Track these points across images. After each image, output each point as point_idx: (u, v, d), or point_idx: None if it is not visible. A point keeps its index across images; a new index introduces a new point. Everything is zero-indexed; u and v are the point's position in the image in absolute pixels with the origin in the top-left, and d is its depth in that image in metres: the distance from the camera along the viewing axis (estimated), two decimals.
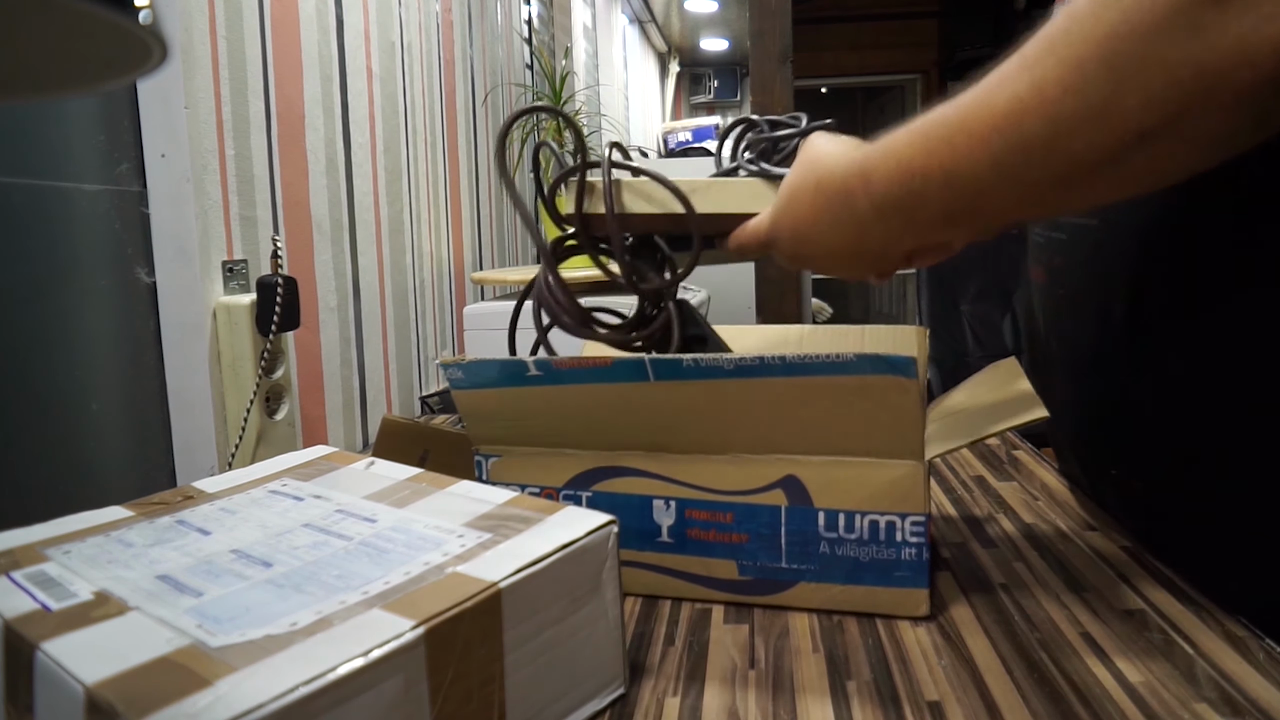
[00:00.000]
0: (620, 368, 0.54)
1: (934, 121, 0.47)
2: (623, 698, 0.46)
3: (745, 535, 0.55)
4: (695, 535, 0.56)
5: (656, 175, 0.62)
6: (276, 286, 0.84)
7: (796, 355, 0.51)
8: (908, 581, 0.53)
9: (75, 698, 0.32)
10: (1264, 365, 0.49)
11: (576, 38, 2.93)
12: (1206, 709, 0.42)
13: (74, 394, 0.73)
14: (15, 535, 0.46)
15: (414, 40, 1.37)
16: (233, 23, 0.87)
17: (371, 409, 1.17)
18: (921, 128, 0.48)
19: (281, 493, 0.52)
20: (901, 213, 0.50)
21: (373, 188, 1.19)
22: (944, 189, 0.47)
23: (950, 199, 0.47)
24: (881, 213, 0.51)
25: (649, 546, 0.57)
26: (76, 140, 0.74)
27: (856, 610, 0.54)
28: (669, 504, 0.56)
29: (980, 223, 0.49)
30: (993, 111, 0.44)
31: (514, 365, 0.57)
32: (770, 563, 0.55)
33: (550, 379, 0.56)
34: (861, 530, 0.53)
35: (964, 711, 0.43)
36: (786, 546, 0.55)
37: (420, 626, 0.35)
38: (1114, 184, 0.43)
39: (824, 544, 0.54)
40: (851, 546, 0.54)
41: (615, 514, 0.56)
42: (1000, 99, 0.43)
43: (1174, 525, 0.58)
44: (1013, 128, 0.43)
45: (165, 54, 0.27)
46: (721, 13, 4.77)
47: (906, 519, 0.53)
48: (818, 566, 0.54)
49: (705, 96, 6.30)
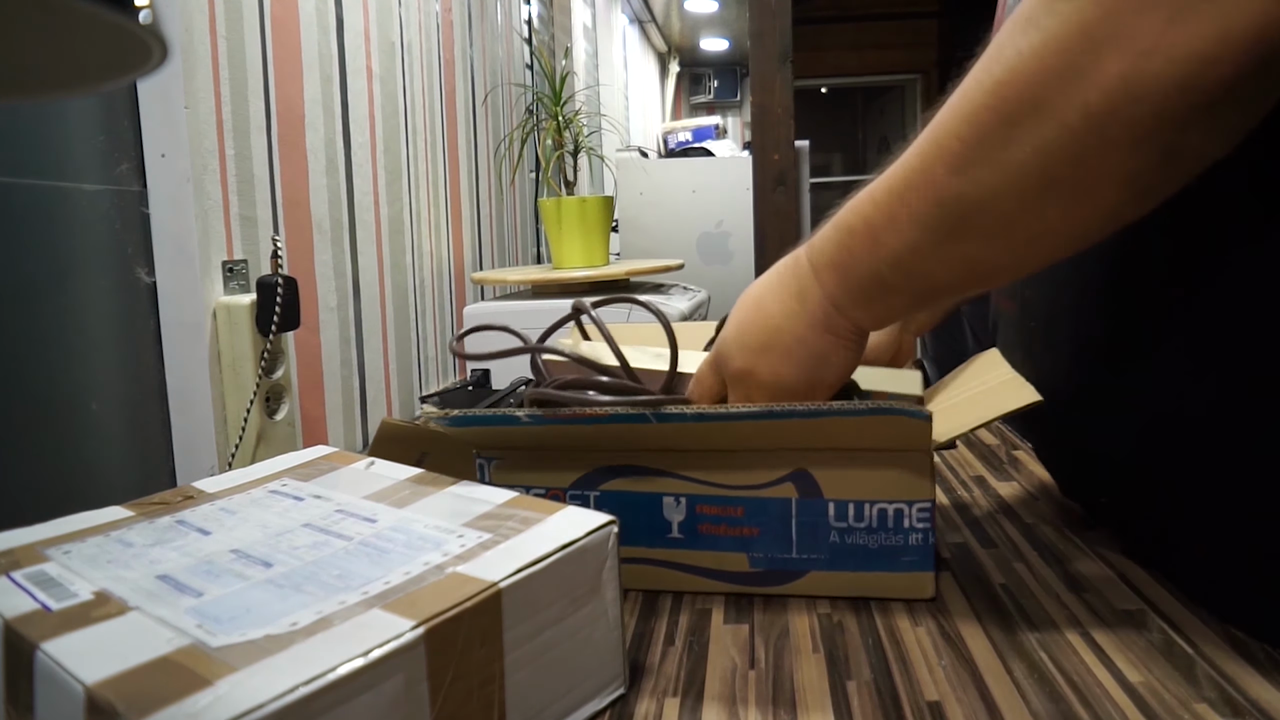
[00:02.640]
0: (619, 417, 0.55)
1: (869, 183, 0.48)
2: (623, 698, 0.46)
3: (756, 528, 0.56)
4: (706, 530, 0.57)
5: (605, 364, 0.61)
6: (276, 286, 0.84)
7: (808, 405, 0.53)
8: (914, 566, 0.54)
9: (75, 698, 0.32)
10: (1254, 393, 0.47)
11: (576, 38, 2.93)
12: (1206, 709, 0.42)
13: (74, 394, 0.73)
14: (15, 535, 0.46)
15: (414, 40, 1.37)
16: (233, 23, 0.87)
17: (371, 409, 1.17)
18: (858, 192, 0.49)
19: (281, 493, 0.52)
20: (834, 271, 0.50)
21: (373, 188, 1.19)
22: (870, 243, 0.48)
23: (878, 256, 0.47)
24: (819, 274, 0.51)
25: (659, 543, 0.57)
26: (76, 140, 0.74)
27: (865, 595, 0.55)
28: (679, 500, 0.57)
29: (914, 289, 0.48)
30: (906, 166, 0.45)
31: (504, 419, 0.57)
32: (781, 554, 0.56)
33: (540, 423, 0.57)
34: (871, 519, 0.54)
35: (964, 711, 0.43)
36: (797, 537, 0.55)
37: (420, 626, 0.35)
38: (1042, 238, 0.43)
39: (834, 533, 0.55)
40: (861, 535, 0.55)
41: (625, 512, 0.56)
42: (912, 157, 0.45)
43: (1168, 553, 0.56)
44: (924, 181, 0.44)
45: (165, 54, 0.27)
46: (721, 13, 4.77)
47: (913, 506, 0.54)
48: (828, 555, 0.55)
49: (705, 96, 6.30)
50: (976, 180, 0.42)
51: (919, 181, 0.44)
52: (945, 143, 0.43)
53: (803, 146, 2.50)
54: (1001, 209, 0.42)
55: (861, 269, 0.49)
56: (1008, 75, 0.40)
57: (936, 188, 0.43)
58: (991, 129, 0.41)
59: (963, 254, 0.45)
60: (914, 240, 0.45)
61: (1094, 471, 0.62)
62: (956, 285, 0.48)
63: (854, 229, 0.49)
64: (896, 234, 0.46)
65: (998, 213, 0.42)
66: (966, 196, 0.42)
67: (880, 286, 0.49)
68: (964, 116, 0.42)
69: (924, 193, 0.44)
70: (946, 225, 0.44)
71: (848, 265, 0.50)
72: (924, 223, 0.45)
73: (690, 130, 2.98)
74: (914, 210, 0.45)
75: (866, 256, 0.48)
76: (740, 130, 6.04)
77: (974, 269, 0.46)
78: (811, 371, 0.54)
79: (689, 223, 2.52)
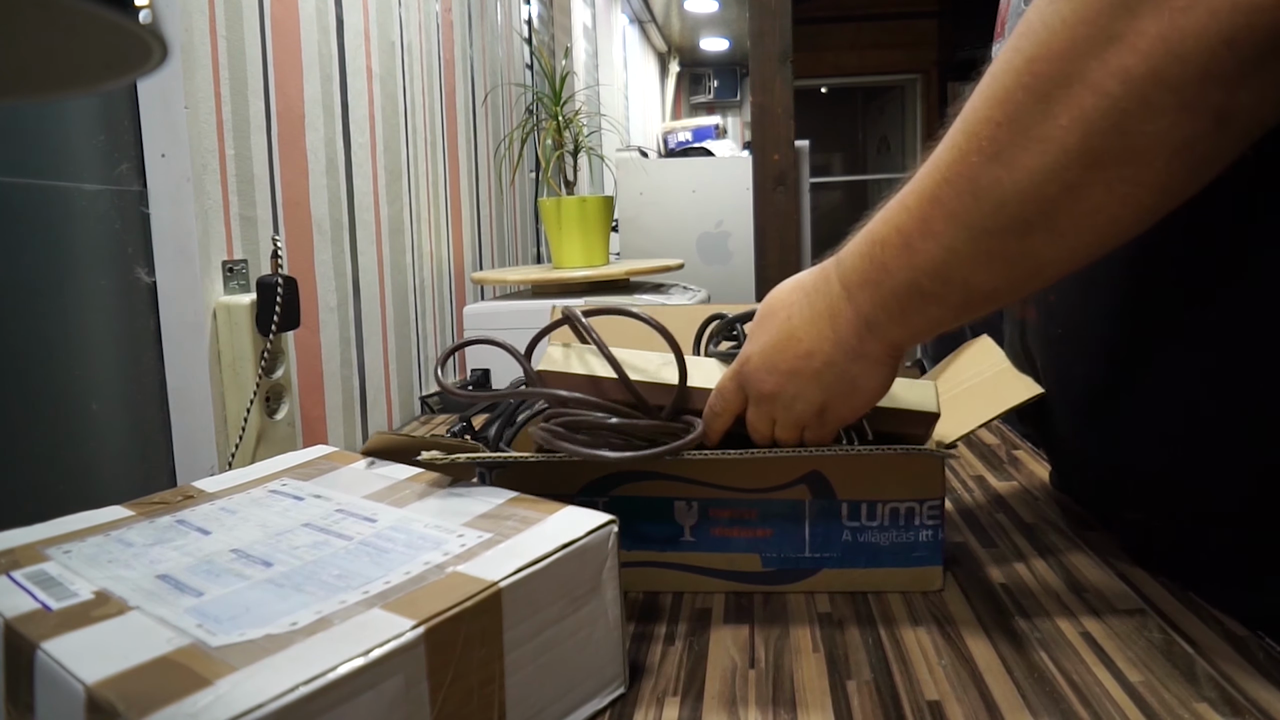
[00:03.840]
0: (637, 459, 0.54)
1: (898, 192, 0.46)
2: (623, 698, 0.46)
3: (769, 530, 0.56)
4: (719, 533, 0.57)
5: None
6: (276, 286, 0.84)
7: (831, 450, 0.53)
8: (924, 560, 0.55)
9: (75, 697, 0.32)
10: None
11: (576, 38, 2.93)
12: (1206, 709, 0.42)
13: (74, 394, 0.73)
14: (15, 535, 0.46)
15: (414, 40, 1.37)
16: (233, 23, 0.87)
17: (371, 409, 1.17)
18: (888, 201, 0.46)
19: (281, 492, 0.52)
20: (867, 287, 0.47)
21: (373, 188, 1.19)
22: (904, 252, 0.45)
23: (914, 265, 0.45)
24: (850, 292, 0.49)
25: (671, 547, 0.57)
26: (76, 140, 0.74)
27: (874, 590, 0.56)
28: (691, 504, 0.57)
29: (953, 298, 0.45)
30: (937, 165, 0.43)
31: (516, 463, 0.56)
32: (794, 553, 0.56)
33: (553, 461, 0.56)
34: (883, 517, 0.55)
35: (964, 711, 0.43)
36: (810, 538, 0.56)
37: (420, 626, 0.35)
38: (1090, 223, 0.39)
39: (846, 532, 0.56)
40: (873, 533, 0.55)
41: (636, 517, 0.56)
42: (943, 153, 0.43)
43: (1196, 569, 0.55)
44: (958, 175, 0.41)
45: (165, 54, 0.27)
46: (721, 13, 4.77)
47: (924, 504, 0.55)
48: (840, 554, 0.56)
49: (705, 96, 6.30)
50: (1015, 164, 0.39)
51: (953, 176, 0.42)
52: (978, 129, 0.40)
53: (803, 146, 2.50)
54: (1044, 193, 0.39)
55: (896, 281, 0.46)
56: (1039, 50, 0.38)
57: (973, 179, 0.41)
58: (1027, 108, 0.38)
59: (1005, 251, 0.42)
60: (951, 241, 0.43)
61: (1121, 483, 0.59)
62: (999, 290, 0.44)
63: (885, 240, 0.46)
64: (932, 238, 0.43)
65: (1040, 198, 0.39)
66: (1005, 184, 0.40)
67: (918, 298, 0.46)
68: (996, 100, 0.40)
69: (959, 186, 0.41)
70: (986, 219, 0.41)
71: (880, 280, 0.47)
72: (961, 219, 0.42)
73: (690, 130, 2.98)
74: (950, 208, 0.42)
75: (901, 267, 0.45)
76: (740, 130, 6.03)
77: (1017, 268, 0.43)
78: (842, 396, 0.51)
79: (689, 223, 2.52)
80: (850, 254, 0.49)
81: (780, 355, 0.51)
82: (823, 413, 0.52)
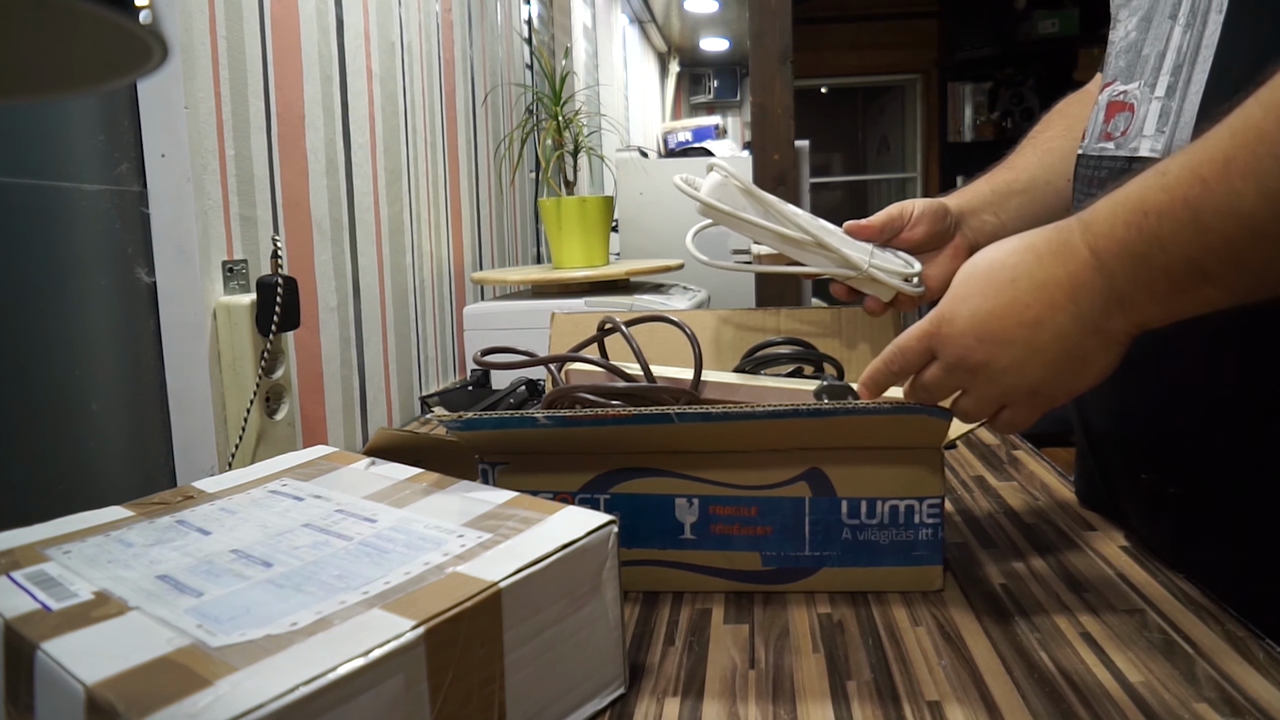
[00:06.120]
0: (643, 418, 0.53)
1: (1168, 161, 0.41)
2: (623, 698, 0.46)
3: (769, 528, 0.56)
4: (719, 530, 0.57)
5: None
6: (276, 286, 0.84)
7: (830, 404, 0.53)
8: (924, 560, 0.55)
9: (75, 697, 0.32)
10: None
11: (576, 38, 2.93)
12: (1206, 709, 0.42)
13: (74, 394, 0.73)
14: (15, 535, 0.46)
15: (414, 40, 1.37)
16: (233, 23, 0.87)
17: (371, 409, 1.17)
18: (1151, 170, 0.41)
19: (281, 493, 0.52)
20: (1130, 259, 0.42)
21: (373, 188, 1.19)
22: (1190, 228, 0.39)
23: (1198, 243, 0.39)
24: (1103, 262, 0.42)
25: (671, 544, 0.57)
26: (76, 140, 0.74)
27: (875, 589, 0.56)
28: (692, 501, 0.57)
29: (1239, 282, 0.40)
30: (1235, 126, 0.37)
31: (521, 421, 0.55)
32: (794, 551, 0.56)
33: (562, 425, 0.55)
34: (882, 515, 0.55)
35: (964, 711, 0.43)
36: (810, 535, 0.56)
37: (420, 626, 0.35)
38: None
39: (846, 530, 0.56)
40: (873, 531, 0.55)
41: (636, 514, 0.56)
42: (1250, 109, 0.37)
43: (1203, 538, 0.55)
44: (1276, 132, 0.36)
45: (165, 54, 0.27)
46: (721, 13, 4.77)
47: (924, 502, 0.55)
48: (840, 552, 0.56)
49: (705, 96, 6.29)
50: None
51: (1270, 135, 0.36)
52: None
53: (803, 146, 2.50)
54: None
55: (1173, 257, 0.40)
56: None
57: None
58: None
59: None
60: (1254, 214, 0.37)
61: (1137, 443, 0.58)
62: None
63: (1163, 211, 0.40)
64: (1229, 212, 0.38)
65: None
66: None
67: (1197, 278, 0.40)
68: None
69: (1276, 147, 0.36)
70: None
71: (1149, 254, 0.41)
72: (1271, 188, 0.36)
73: (690, 130, 2.98)
74: (1265, 180, 0.36)
75: (1184, 241, 0.40)
76: (740, 130, 6.03)
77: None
78: (1065, 375, 0.46)
79: (689, 223, 2.51)
80: (1106, 221, 0.43)
81: (999, 321, 0.45)
82: (1035, 393, 0.47)
